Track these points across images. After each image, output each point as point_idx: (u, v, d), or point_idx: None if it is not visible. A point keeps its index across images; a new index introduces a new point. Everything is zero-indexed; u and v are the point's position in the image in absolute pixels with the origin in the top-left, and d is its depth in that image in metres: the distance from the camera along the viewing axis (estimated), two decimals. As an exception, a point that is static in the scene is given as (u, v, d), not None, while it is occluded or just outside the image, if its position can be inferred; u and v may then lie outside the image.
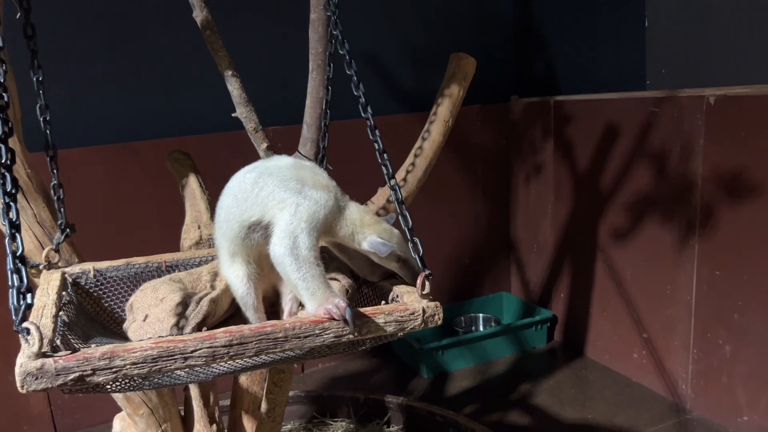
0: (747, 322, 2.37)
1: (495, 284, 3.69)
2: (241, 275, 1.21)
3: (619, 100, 2.87)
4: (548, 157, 3.32)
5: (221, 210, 1.23)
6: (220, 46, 1.62)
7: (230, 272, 1.22)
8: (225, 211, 1.21)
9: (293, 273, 1.08)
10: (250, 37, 2.94)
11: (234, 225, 1.19)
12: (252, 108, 1.66)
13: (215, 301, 1.19)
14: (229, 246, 1.21)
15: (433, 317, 1.10)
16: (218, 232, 1.24)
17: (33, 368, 0.86)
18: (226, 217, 1.20)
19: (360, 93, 1.27)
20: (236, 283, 1.21)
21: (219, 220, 1.23)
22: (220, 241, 1.24)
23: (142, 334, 1.13)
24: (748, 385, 2.40)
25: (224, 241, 1.22)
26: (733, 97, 2.35)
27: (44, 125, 1.41)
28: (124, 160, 2.75)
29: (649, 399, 2.77)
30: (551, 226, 3.36)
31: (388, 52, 3.29)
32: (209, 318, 1.17)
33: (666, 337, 2.73)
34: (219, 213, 1.24)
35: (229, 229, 1.20)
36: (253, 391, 1.89)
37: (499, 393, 2.92)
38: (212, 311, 1.17)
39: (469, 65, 1.91)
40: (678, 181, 2.58)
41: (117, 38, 2.72)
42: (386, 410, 2.63)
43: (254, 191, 1.17)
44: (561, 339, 3.41)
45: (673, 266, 2.64)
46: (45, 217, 1.51)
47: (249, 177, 1.21)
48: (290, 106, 2.22)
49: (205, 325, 1.16)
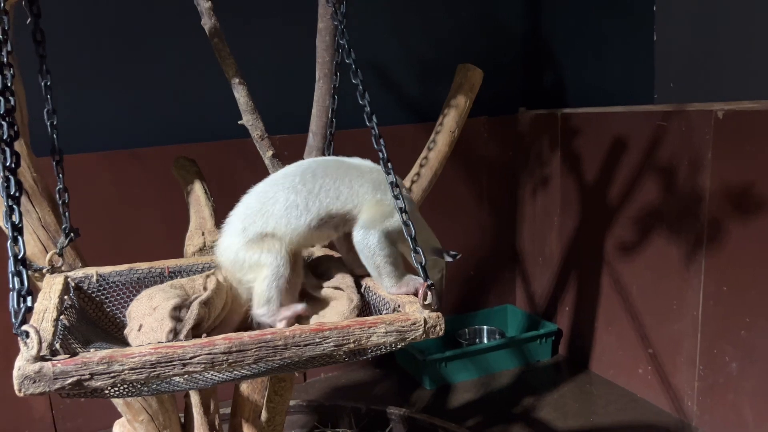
0: (754, 338, 2.34)
1: (500, 296, 3.67)
2: (278, 248, 1.26)
3: (627, 114, 2.86)
4: (555, 170, 3.31)
5: (280, 196, 1.27)
6: (228, 54, 1.63)
7: (257, 249, 1.25)
8: (294, 197, 1.26)
9: (380, 257, 1.23)
10: (258, 46, 2.96)
11: (310, 214, 1.26)
12: (258, 116, 1.67)
13: (207, 303, 1.18)
14: (285, 231, 1.26)
15: (434, 328, 1.09)
16: (263, 218, 1.27)
17: (31, 371, 0.86)
18: (292, 204, 1.26)
19: (365, 102, 1.27)
20: (273, 256, 1.25)
21: (275, 207, 1.27)
22: (259, 225, 1.27)
23: (138, 344, 1.12)
24: (755, 402, 2.37)
25: (280, 226, 1.26)
26: (741, 112, 2.34)
27: (51, 130, 1.42)
28: (130, 166, 2.76)
29: (654, 415, 2.74)
30: (557, 238, 3.34)
31: (395, 62, 3.30)
32: (204, 322, 1.16)
33: (672, 353, 2.71)
34: (274, 199, 1.27)
35: (298, 216, 1.26)
36: (254, 399, 1.88)
37: (503, 406, 2.90)
38: (205, 315, 1.16)
39: (476, 76, 1.91)
40: (685, 195, 2.57)
41: (125, 45, 2.75)
42: (388, 421, 2.61)
43: (346, 186, 1.27)
44: (566, 353, 3.38)
45: (680, 281, 2.62)
46: (50, 221, 1.52)
47: (329, 170, 1.29)
48: (296, 115, 2.23)
49: (201, 330, 1.15)
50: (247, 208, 1.30)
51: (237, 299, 1.32)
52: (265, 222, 1.27)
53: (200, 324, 1.15)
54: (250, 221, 1.28)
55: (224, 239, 1.31)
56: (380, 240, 1.24)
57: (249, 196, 1.34)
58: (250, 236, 1.27)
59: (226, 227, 1.32)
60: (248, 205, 1.31)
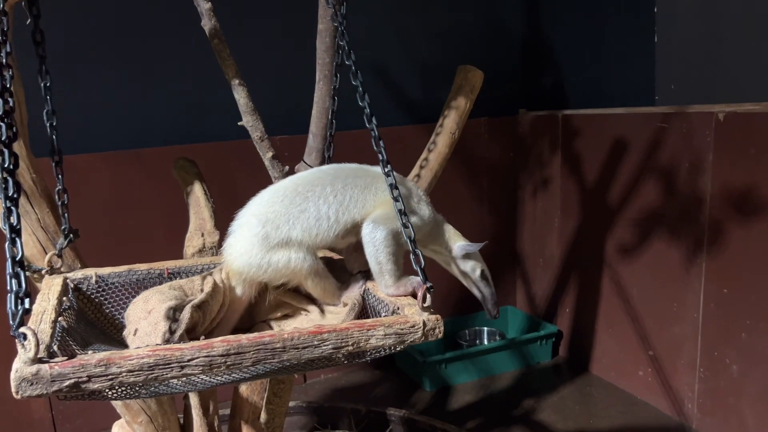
0: (755, 341, 2.34)
1: (500, 298, 3.66)
2: (305, 248, 1.28)
3: (628, 115, 2.85)
4: (555, 171, 3.30)
5: (311, 206, 1.28)
6: (228, 55, 1.63)
7: (284, 252, 1.26)
8: (327, 209, 1.27)
9: (383, 254, 1.24)
10: (258, 47, 2.96)
11: (340, 225, 1.28)
12: (258, 117, 1.66)
13: (200, 306, 1.17)
14: (312, 240, 1.27)
15: (433, 330, 1.08)
16: (289, 225, 1.27)
17: (28, 374, 0.86)
18: (323, 215, 1.27)
19: (365, 104, 1.26)
20: (302, 254, 1.27)
21: (303, 216, 1.28)
22: (284, 231, 1.27)
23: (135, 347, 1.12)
24: (756, 405, 2.36)
25: (307, 235, 1.27)
26: (742, 114, 2.34)
27: (50, 130, 1.42)
28: (130, 167, 2.76)
29: (654, 418, 2.74)
30: (558, 240, 3.34)
31: (395, 63, 3.30)
32: (198, 326, 1.16)
33: (672, 356, 2.70)
34: (302, 208, 1.28)
35: (328, 228, 1.27)
36: (253, 400, 1.88)
37: (502, 408, 2.89)
38: (199, 319, 1.16)
39: (477, 77, 1.91)
40: (686, 197, 2.56)
41: (125, 45, 2.74)
42: (388, 423, 2.61)
43: (371, 194, 1.29)
44: (566, 355, 3.38)
45: (681, 284, 2.62)
46: (49, 222, 1.52)
47: (357, 180, 1.31)
48: (296, 116, 2.23)
49: (197, 334, 1.15)
50: (271, 213, 1.28)
51: (235, 300, 1.32)
52: (290, 229, 1.27)
53: (194, 328, 1.15)
54: (273, 227, 1.27)
55: (241, 243, 1.29)
56: (387, 237, 1.25)
57: (271, 201, 1.31)
58: (273, 243, 1.26)
59: (242, 231, 1.30)
60: (273, 210, 1.29)
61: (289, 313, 1.37)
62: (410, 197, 1.33)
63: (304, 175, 1.38)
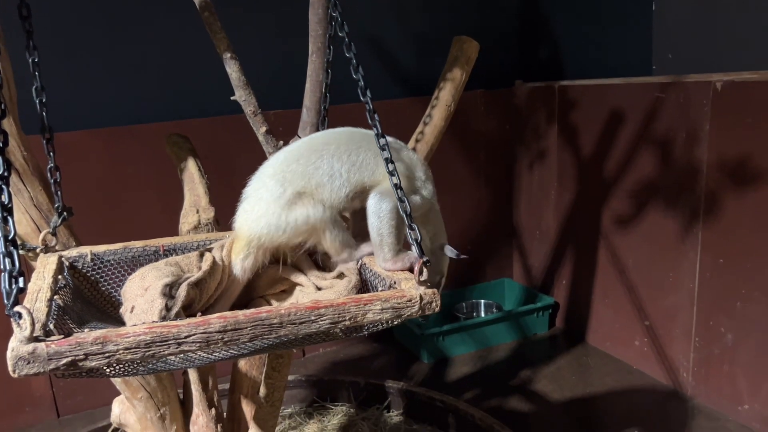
0: (749, 310, 2.36)
1: (497, 270, 3.68)
2: (322, 204, 1.29)
3: (625, 86, 2.83)
4: (552, 143, 3.29)
5: (324, 164, 1.29)
6: (219, 28, 1.60)
7: (301, 207, 1.27)
8: (339, 166, 1.29)
9: (386, 226, 1.26)
10: (250, 20, 2.91)
11: (350, 186, 1.29)
12: (251, 91, 1.64)
13: (198, 284, 1.17)
14: (326, 198, 1.29)
15: (430, 304, 1.09)
16: (305, 180, 1.28)
17: (25, 352, 0.86)
18: (336, 173, 1.29)
19: (359, 76, 1.25)
20: (321, 208, 1.28)
21: (317, 173, 1.29)
22: (300, 185, 1.28)
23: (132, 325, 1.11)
24: (750, 373, 2.39)
25: (321, 191, 1.29)
26: (740, 83, 2.32)
27: (40, 107, 1.39)
28: (122, 144, 2.73)
29: (649, 386, 2.77)
30: (554, 212, 3.34)
31: (389, 35, 3.26)
32: (195, 303, 1.16)
33: (668, 325, 2.72)
34: (316, 166, 1.29)
35: (340, 187, 1.29)
36: (252, 375, 1.89)
37: (500, 379, 2.92)
38: (195, 296, 1.15)
39: (472, 49, 1.88)
40: (682, 167, 2.55)
41: (115, 20, 2.70)
42: (386, 395, 2.63)
43: (381, 162, 1.27)
44: (562, 326, 3.40)
45: (676, 254, 2.63)
46: (42, 201, 1.50)
47: (372, 146, 1.30)
48: (290, 90, 2.20)
49: (193, 310, 1.15)
50: (289, 173, 1.29)
51: (234, 278, 1.32)
52: (306, 185, 1.29)
53: (191, 305, 1.15)
54: (292, 186, 1.28)
55: (259, 206, 1.29)
56: (393, 210, 1.26)
57: (288, 161, 1.31)
58: (289, 197, 1.27)
59: (261, 193, 1.30)
60: (291, 170, 1.30)
61: (286, 289, 1.37)
62: (415, 175, 1.36)
63: (321, 135, 1.39)
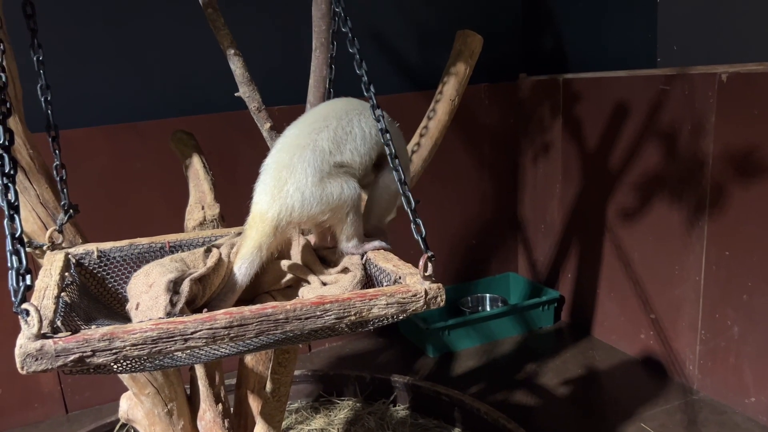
0: (756, 302, 2.35)
1: (502, 264, 3.68)
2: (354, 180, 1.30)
3: (630, 78, 2.82)
4: (556, 136, 3.28)
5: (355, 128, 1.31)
6: (222, 24, 1.60)
7: (336, 181, 1.27)
8: (369, 130, 1.32)
9: (385, 203, 1.34)
10: (253, 15, 2.91)
11: (377, 145, 1.32)
12: (255, 87, 1.64)
13: (201, 280, 1.18)
14: (358, 160, 1.30)
15: (435, 299, 1.09)
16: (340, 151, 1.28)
17: (33, 349, 0.86)
18: (368, 135, 1.31)
19: (363, 71, 1.25)
20: (353, 185, 1.28)
21: (349, 138, 1.30)
22: (336, 157, 1.28)
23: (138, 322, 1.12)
24: (756, 366, 2.39)
25: (354, 156, 1.30)
26: (746, 74, 2.31)
27: (45, 105, 1.40)
28: (128, 141, 2.74)
29: (656, 379, 2.77)
30: (559, 205, 3.33)
31: (393, 30, 3.25)
32: (198, 299, 1.16)
33: (674, 318, 2.72)
34: (347, 130, 1.30)
35: (369, 145, 1.31)
36: (259, 371, 1.90)
37: (505, 373, 2.93)
38: (198, 292, 1.16)
39: (476, 42, 1.87)
40: (688, 160, 2.55)
41: (120, 17, 2.70)
42: (392, 389, 2.64)
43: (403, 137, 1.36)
44: (568, 319, 3.40)
45: (682, 246, 2.62)
46: (48, 198, 1.51)
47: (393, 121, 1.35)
48: (294, 86, 2.20)
49: (195, 306, 1.15)
50: (320, 140, 1.27)
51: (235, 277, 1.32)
52: (341, 153, 1.28)
53: (194, 300, 1.15)
54: (328, 154, 1.26)
55: (295, 181, 1.23)
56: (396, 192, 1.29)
57: (316, 128, 1.29)
58: (327, 172, 1.25)
59: (295, 161, 1.25)
60: (322, 137, 1.27)
61: (292, 285, 1.37)
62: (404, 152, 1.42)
63: (344, 101, 1.39)
